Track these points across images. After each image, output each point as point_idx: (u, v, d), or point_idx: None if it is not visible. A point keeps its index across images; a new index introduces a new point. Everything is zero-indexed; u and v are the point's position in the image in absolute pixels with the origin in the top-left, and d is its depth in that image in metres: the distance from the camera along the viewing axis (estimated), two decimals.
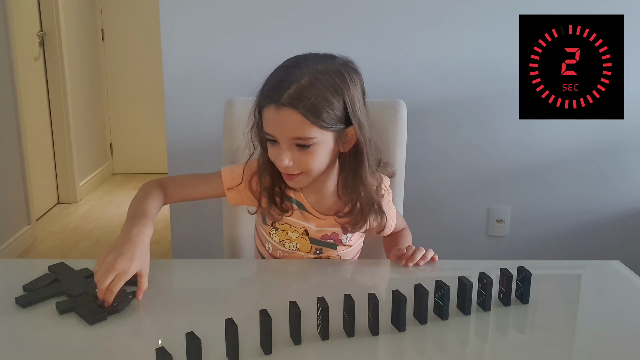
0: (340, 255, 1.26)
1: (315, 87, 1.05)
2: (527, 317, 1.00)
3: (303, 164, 1.10)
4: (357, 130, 1.10)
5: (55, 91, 3.62)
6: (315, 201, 1.21)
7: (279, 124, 1.07)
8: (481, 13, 2.04)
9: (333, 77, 1.07)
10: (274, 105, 1.06)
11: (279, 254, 1.25)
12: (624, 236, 2.26)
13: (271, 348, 0.86)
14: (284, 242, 1.23)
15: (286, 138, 1.07)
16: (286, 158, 1.08)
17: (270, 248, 1.25)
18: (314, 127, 1.06)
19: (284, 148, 1.08)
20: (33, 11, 3.46)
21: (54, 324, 0.94)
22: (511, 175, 2.20)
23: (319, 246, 1.23)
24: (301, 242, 1.23)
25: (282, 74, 1.08)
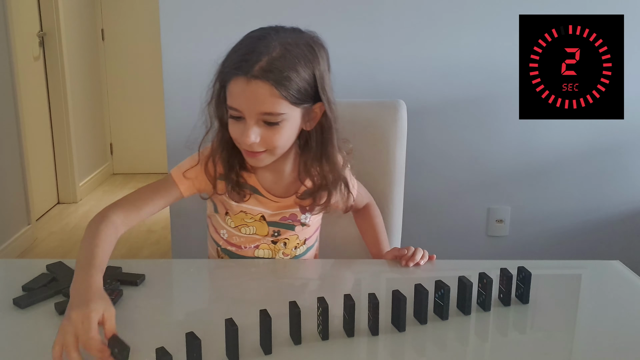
0: (299, 235, 1.23)
1: (287, 59, 1.00)
2: (527, 317, 1.00)
3: (269, 141, 1.05)
4: (327, 107, 1.07)
5: (55, 91, 3.62)
6: (271, 184, 1.17)
7: (249, 98, 1.01)
8: (481, 13, 2.04)
9: (304, 50, 1.03)
10: (243, 77, 1.00)
11: (235, 240, 1.21)
12: (624, 236, 2.26)
13: (271, 348, 0.86)
14: (240, 227, 1.19)
15: (254, 113, 1.02)
16: (253, 134, 1.03)
17: (226, 234, 1.22)
18: (284, 102, 1.01)
19: (250, 124, 1.03)
20: (33, 11, 3.46)
21: (54, 325, 0.94)
22: (511, 175, 2.20)
23: (277, 228, 1.20)
24: (258, 226, 1.19)
25: (250, 45, 1.02)
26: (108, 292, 1.01)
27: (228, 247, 1.24)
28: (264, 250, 1.22)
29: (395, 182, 1.48)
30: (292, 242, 1.24)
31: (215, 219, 1.24)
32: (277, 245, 1.23)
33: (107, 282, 1.04)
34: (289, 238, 1.23)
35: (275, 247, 1.23)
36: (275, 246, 1.23)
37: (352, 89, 2.04)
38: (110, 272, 1.10)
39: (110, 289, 1.02)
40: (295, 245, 1.25)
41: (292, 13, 2.03)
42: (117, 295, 1.01)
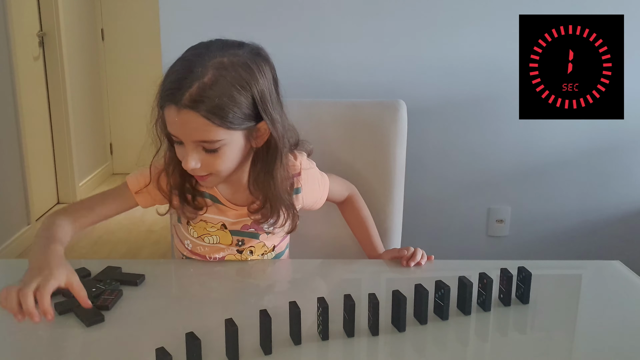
0: (265, 242, 1.20)
1: (219, 85, 0.96)
2: (527, 317, 1.00)
3: (211, 166, 1.03)
4: (270, 126, 1.03)
5: (55, 91, 3.62)
6: (230, 193, 1.14)
7: (181, 127, 0.99)
8: (481, 13, 2.04)
9: (239, 71, 0.98)
10: (174, 106, 0.97)
11: (199, 250, 1.19)
12: (624, 236, 2.26)
13: (271, 348, 0.86)
14: (203, 236, 1.17)
15: (190, 140, 1.00)
16: (192, 161, 1.01)
17: (190, 245, 1.19)
18: (220, 129, 0.98)
19: (189, 150, 1.01)
20: (33, 11, 3.46)
21: (53, 325, 0.94)
22: (511, 175, 2.20)
23: (240, 237, 1.18)
24: (221, 235, 1.17)
25: (182, 70, 0.98)
26: (108, 292, 1.01)
27: (193, 257, 1.21)
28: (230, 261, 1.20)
29: (395, 182, 1.48)
30: (258, 250, 1.21)
31: (178, 229, 1.22)
32: (243, 254, 1.20)
33: (107, 282, 1.05)
34: (255, 246, 1.20)
35: (242, 256, 1.20)
36: (242, 255, 1.20)
37: (352, 89, 2.04)
38: (110, 272, 1.10)
39: (110, 289, 1.02)
40: (263, 252, 1.22)
41: (292, 13, 2.03)
42: (117, 295, 1.01)
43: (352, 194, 1.37)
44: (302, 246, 1.50)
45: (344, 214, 1.39)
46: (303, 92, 1.99)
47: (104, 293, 1.01)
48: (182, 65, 0.99)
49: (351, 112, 1.51)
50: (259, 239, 1.20)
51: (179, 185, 1.11)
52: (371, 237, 1.34)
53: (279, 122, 1.05)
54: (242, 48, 1.03)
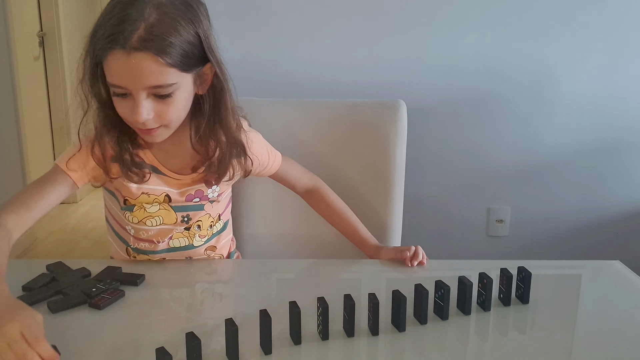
0: (211, 213, 1.16)
1: (166, 23, 0.90)
2: (527, 317, 1.00)
3: (163, 115, 0.95)
4: (217, 67, 0.97)
5: (55, 91, 3.62)
6: (169, 160, 1.07)
7: (132, 73, 0.90)
8: (481, 13, 2.04)
9: (181, 9, 0.93)
10: (122, 50, 0.88)
11: (144, 235, 1.13)
12: (624, 236, 2.26)
13: (271, 348, 0.86)
14: (145, 219, 1.09)
15: (142, 88, 0.92)
16: (144, 111, 0.93)
17: (132, 230, 1.13)
18: (173, 70, 0.92)
19: (139, 100, 0.92)
20: (33, 11, 3.46)
21: (52, 324, 0.94)
22: (511, 175, 2.20)
23: (185, 212, 1.11)
24: (164, 215, 1.10)
25: (122, 12, 0.90)
26: (108, 292, 1.01)
27: (140, 243, 1.15)
28: (179, 239, 1.14)
29: (395, 182, 1.49)
30: (205, 223, 1.16)
31: (117, 213, 1.14)
32: (192, 230, 1.14)
33: (107, 282, 1.05)
34: (202, 219, 1.14)
35: (190, 232, 1.14)
36: (190, 232, 1.14)
37: (352, 89, 2.04)
38: (110, 272, 1.10)
39: (111, 289, 1.02)
40: (210, 224, 1.17)
41: (292, 13, 2.03)
42: (118, 295, 1.01)
43: (318, 185, 1.32)
44: (302, 246, 1.50)
45: (317, 208, 1.33)
46: (303, 92, 1.99)
47: (104, 293, 1.01)
48: (120, 9, 0.91)
49: (351, 112, 1.51)
50: (204, 209, 1.14)
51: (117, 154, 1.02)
52: (357, 228, 1.30)
53: (223, 64, 0.99)
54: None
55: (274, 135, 1.31)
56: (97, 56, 0.94)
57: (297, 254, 1.47)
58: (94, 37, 0.94)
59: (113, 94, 0.96)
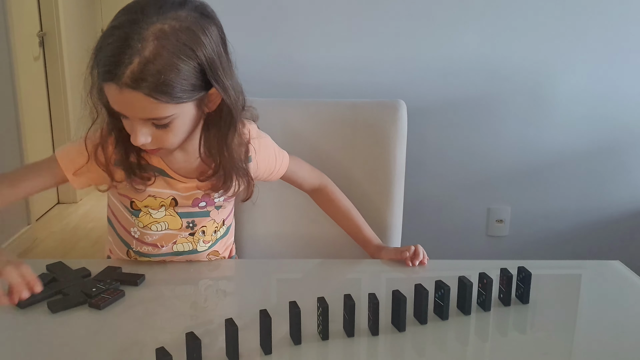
0: (215, 218, 1.16)
1: (162, 58, 0.86)
2: (527, 317, 1.00)
3: (162, 140, 0.95)
4: (222, 93, 0.95)
5: (55, 91, 3.62)
6: (178, 164, 1.06)
7: (126, 106, 0.90)
8: (481, 13, 2.04)
9: (182, 38, 0.87)
10: (114, 85, 0.87)
11: (149, 239, 1.12)
12: (624, 236, 2.26)
13: (271, 348, 0.86)
14: (150, 225, 1.09)
15: (137, 118, 0.92)
16: (141, 137, 0.93)
17: (137, 233, 1.12)
18: (168, 105, 0.90)
19: (137, 126, 0.92)
20: (33, 11, 3.46)
21: (53, 325, 0.94)
22: (511, 175, 2.20)
23: (190, 218, 1.11)
24: (169, 220, 1.10)
25: (119, 43, 0.86)
26: (108, 292, 1.01)
27: (143, 247, 1.15)
28: (183, 244, 1.14)
29: (395, 182, 1.48)
30: (210, 228, 1.16)
31: (122, 215, 1.14)
32: (196, 235, 1.14)
33: (107, 282, 1.05)
34: (206, 225, 1.14)
35: (194, 238, 1.14)
36: (194, 237, 1.14)
37: (352, 89, 2.04)
38: (110, 272, 1.10)
39: (111, 289, 1.02)
40: (215, 229, 1.17)
41: (291, 13, 2.03)
42: (118, 295, 1.01)
43: (325, 183, 1.33)
44: (302, 246, 1.50)
45: (323, 207, 1.34)
46: (303, 92, 1.99)
47: (104, 293, 1.01)
48: (118, 37, 0.87)
49: (351, 112, 1.51)
50: (210, 216, 1.14)
51: (122, 159, 1.02)
52: (361, 228, 1.31)
53: (231, 88, 0.96)
54: (183, 8, 0.91)
55: (274, 136, 1.31)
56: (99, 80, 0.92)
57: (297, 254, 1.47)
58: (94, 61, 0.92)
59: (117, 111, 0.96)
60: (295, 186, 1.34)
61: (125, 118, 0.95)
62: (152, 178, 1.05)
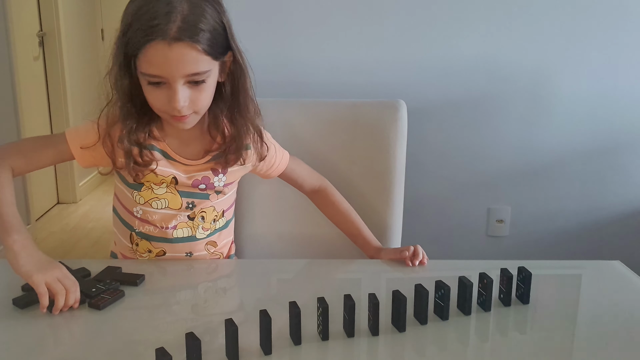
0: (215, 206, 1.18)
1: (197, 12, 0.96)
2: (527, 317, 1.00)
3: (197, 101, 1.02)
4: (238, 55, 1.04)
5: (55, 91, 3.62)
6: (180, 147, 1.12)
7: (173, 62, 0.96)
8: (481, 13, 2.04)
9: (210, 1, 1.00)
10: (162, 41, 0.94)
11: (150, 217, 1.15)
12: (624, 236, 2.26)
13: (271, 348, 0.86)
14: (151, 201, 1.13)
15: (180, 76, 0.98)
16: (182, 98, 0.99)
17: (140, 212, 1.16)
18: (208, 58, 0.98)
19: (177, 88, 0.98)
20: (33, 11, 3.46)
21: (53, 325, 0.94)
22: (511, 175, 2.20)
23: (190, 199, 1.14)
24: (170, 198, 1.13)
25: (155, 6, 0.95)
26: (108, 292, 1.01)
27: (145, 227, 1.17)
28: (183, 229, 1.17)
29: (395, 182, 1.48)
30: (209, 215, 1.18)
31: (124, 195, 1.17)
32: (195, 220, 1.17)
33: (107, 282, 1.05)
34: (206, 211, 1.17)
35: (194, 223, 1.17)
36: (194, 222, 1.17)
37: (352, 89, 2.04)
38: (110, 272, 1.10)
39: (111, 289, 1.02)
40: (214, 218, 1.20)
41: (291, 13, 2.03)
42: (117, 295, 1.01)
43: (325, 185, 1.34)
44: (302, 246, 1.50)
45: (323, 209, 1.35)
46: (303, 92, 1.99)
47: (104, 293, 1.01)
48: (153, 3, 0.96)
49: (351, 112, 1.51)
50: (209, 199, 1.17)
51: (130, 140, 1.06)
52: (360, 230, 1.31)
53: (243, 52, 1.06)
54: None
55: (275, 135, 1.31)
56: (131, 49, 0.98)
57: (297, 254, 1.47)
58: (127, 32, 0.97)
59: (148, 83, 1.00)
60: (295, 186, 1.34)
61: (159, 85, 0.99)
62: (155, 162, 1.10)
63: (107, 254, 1.32)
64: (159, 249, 1.19)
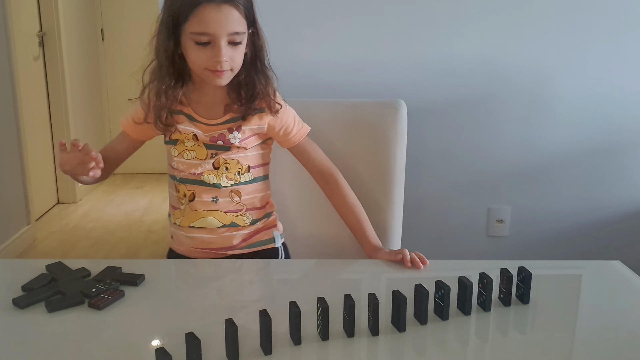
0: (239, 159, 1.30)
1: None
2: (527, 317, 1.00)
3: (235, 59, 1.21)
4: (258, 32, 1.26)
5: (55, 91, 3.62)
6: (203, 110, 1.29)
7: (221, 21, 1.16)
8: (481, 13, 2.04)
9: None
10: (213, 3, 1.15)
11: (182, 167, 1.30)
12: (624, 236, 2.26)
13: (271, 348, 0.86)
14: (183, 152, 1.30)
15: (225, 34, 1.17)
16: (226, 53, 1.18)
17: (175, 164, 1.31)
18: (245, 22, 1.20)
19: (222, 44, 1.17)
20: (33, 11, 3.46)
21: (53, 325, 0.94)
22: (511, 175, 2.20)
23: (214, 150, 1.29)
24: (197, 150, 1.29)
25: None
26: (108, 292, 1.01)
27: (180, 174, 1.31)
28: (209, 176, 1.29)
29: (395, 182, 1.49)
30: (233, 167, 1.29)
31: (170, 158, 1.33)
32: (220, 169, 1.29)
33: (107, 282, 1.05)
34: (230, 162, 1.29)
35: (218, 172, 1.29)
36: (218, 171, 1.29)
37: (352, 89, 2.04)
38: (110, 272, 1.10)
39: (110, 289, 1.02)
40: (238, 170, 1.30)
41: (292, 14, 2.03)
42: (117, 296, 1.01)
43: (336, 175, 1.36)
44: (303, 246, 1.50)
45: (330, 197, 1.37)
46: (303, 92, 1.99)
47: (104, 293, 1.01)
48: None
49: (351, 112, 1.52)
50: (230, 151, 1.28)
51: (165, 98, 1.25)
52: (363, 225, 1.33)
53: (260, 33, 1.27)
54: None
55: None
56: (182, 13, 1.17)
57: (297, 254, 1.47)
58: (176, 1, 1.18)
59: (195, 43, 1.18)
60: (306, 166, 1.37)
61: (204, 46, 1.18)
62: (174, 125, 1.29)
63: (107, 254, 1.33)
64: (190, 192, 1.31)
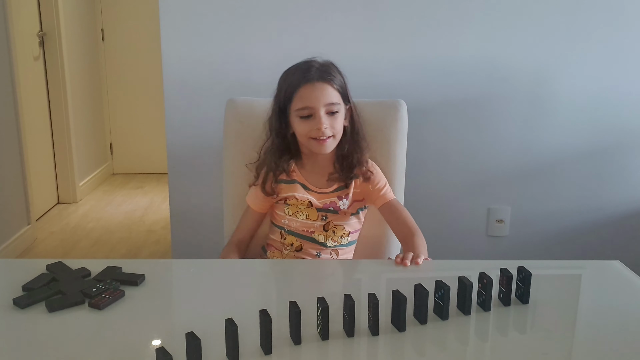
0: (345, 226, 1.42)
1: (330, 67, 1.39)
2: (527, 317, 1.00)
3: (334, 126, 1.36)
4: (354, 108, 1.42)
5: (55, 91, 3.62)
6: (312, 177, 1.43)
7: (317, 95, 1.34)
8: (481, 13, 2.04)
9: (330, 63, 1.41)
10: (309, 83, 1.35)
11: (294, 225, 1.42)
12: (624, 236, 2.26)
13: (271, 348, 0.86)
14: (296, 213, 1.42)
15: (323, 105, 1.34)
16: (325, 122, 1.34)
17: (287, 221, 1.43)
18: (339, 95, 1.37)
19: (321, 115, 1.34)
20: (33, 11, 3.46)
21: (53, 324, 0.94)
22: (511, 175, 2.20)
23: (324, 213, 1.41)
24: (309, 212, 1.42)
25: (300, 66, 1.38)
26: (108, 292, 1.02)
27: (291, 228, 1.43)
28: (319, 235, 1.41)
29: (395, 182, 1.49)
30: (339, 231, 1.42)
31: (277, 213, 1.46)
32: (329, 232, 1.42)
33: (107, 282, 1.05)
34: (337, 227, 1.42)
35: (327, 233, 1.42)
36: (327, 233, 1.42)
37: (352, 89, 2.04)
38: (110, 272, 1.10)
39: (111, 289, 1.02)
40: (342, 234, 1.42)
41: (292, 14, 2.03)
42: (118, 295, 1.01)
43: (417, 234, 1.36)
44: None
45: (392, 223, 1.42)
46: None
47: (105, 293, 1.01)
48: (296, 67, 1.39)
49: None
50: (339, 214, 1.42)
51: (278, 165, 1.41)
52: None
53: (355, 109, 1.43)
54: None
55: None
56: (287, 98, 1.36)
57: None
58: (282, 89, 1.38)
59: (299, 118, 1.36)
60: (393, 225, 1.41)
61: (307, 119, 1.35)
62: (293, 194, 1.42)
63: (107, 254, 1.33)
64: (299, 244, 1.42)
